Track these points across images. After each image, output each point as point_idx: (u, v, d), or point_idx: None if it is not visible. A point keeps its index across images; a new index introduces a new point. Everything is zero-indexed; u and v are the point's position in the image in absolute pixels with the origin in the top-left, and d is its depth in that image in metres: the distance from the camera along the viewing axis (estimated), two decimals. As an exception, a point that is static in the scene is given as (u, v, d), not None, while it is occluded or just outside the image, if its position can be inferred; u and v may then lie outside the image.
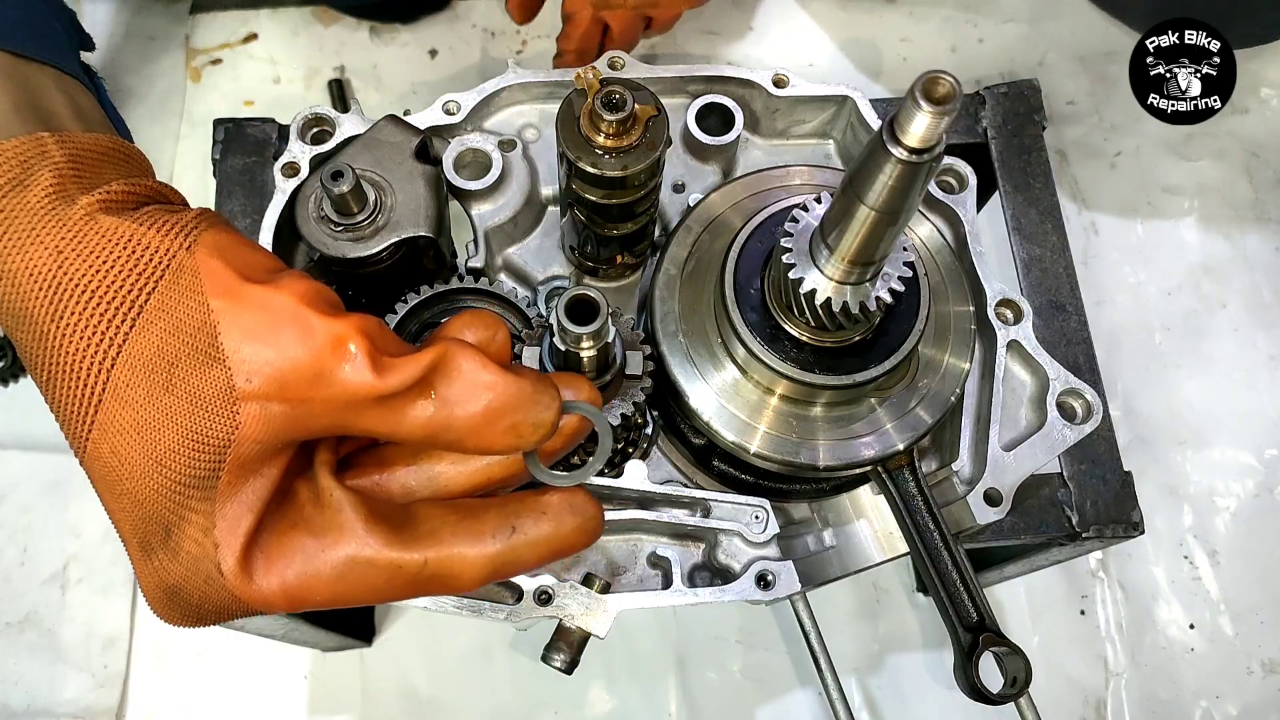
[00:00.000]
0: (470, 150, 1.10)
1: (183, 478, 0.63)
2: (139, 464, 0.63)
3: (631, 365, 0.93)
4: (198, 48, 1.96)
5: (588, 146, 0.91)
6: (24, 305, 0.64)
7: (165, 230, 0.65)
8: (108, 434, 0.63)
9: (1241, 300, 1.86)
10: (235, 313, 0.62)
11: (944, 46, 2.01)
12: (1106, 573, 1.71)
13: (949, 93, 0.62)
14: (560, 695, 1.62)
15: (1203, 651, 1.67)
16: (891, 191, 0.71)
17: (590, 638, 0.95)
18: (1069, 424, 1.02)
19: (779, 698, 1.64)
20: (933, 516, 0.97)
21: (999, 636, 0.90)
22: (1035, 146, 1.37)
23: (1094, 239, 1.89)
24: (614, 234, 1.03)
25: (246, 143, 1.31)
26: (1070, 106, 1.97)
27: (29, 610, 1.63)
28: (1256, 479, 1.75)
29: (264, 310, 0.62)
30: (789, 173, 1.07)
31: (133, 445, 0.63)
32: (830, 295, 0.84)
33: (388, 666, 1.64)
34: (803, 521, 1.09)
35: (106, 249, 0.64)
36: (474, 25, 1.99)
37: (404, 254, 1.01)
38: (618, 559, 1.01)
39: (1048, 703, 1.11)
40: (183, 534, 0.63)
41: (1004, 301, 1.06)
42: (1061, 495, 1.20)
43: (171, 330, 0.63)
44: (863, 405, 0.98)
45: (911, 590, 1.70)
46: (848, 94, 1.15)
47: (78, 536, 1.66)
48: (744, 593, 0.96)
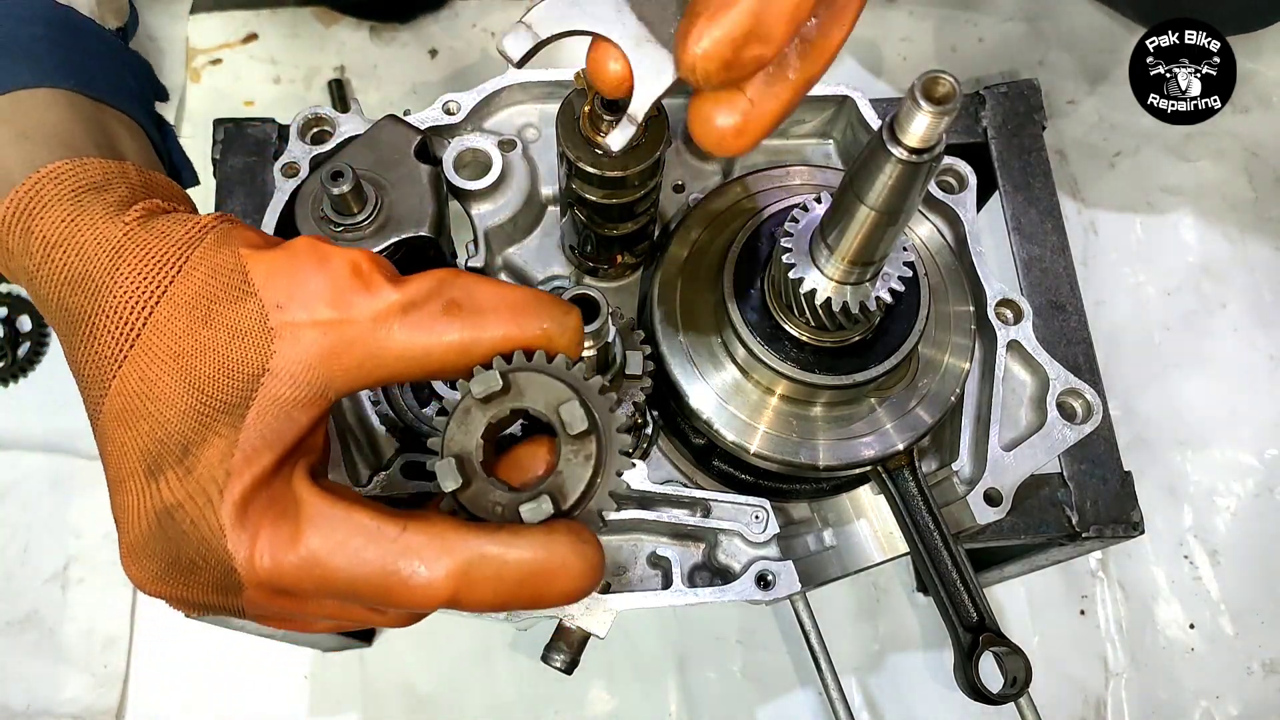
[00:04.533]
0: (470, 150, 1.10)
1: (214, 401, 0.65)
2: (170, 387, 0.66)
3: (631, 365, 0.93)
4: (198, 48, 1.96)
5: (588, 146, 0.91)
6: (85, 269, 0.70)
7: (212, 214, 0.75)
8: (140, 364, 0.67)
9: (1241, 300, 1.86)
10: (261, 254, 0.69)
11: (944, 46, 2.01)
12: (1106, 573, 1.71)
13: (949, 93, 0.62)
14: (560, 695, 1.62)
15: (1203, 651, 1.67)
16: (891, 191, 0.71)
17: (590, 638, 0.95)
18: (1069, 424, 1.02)
19: (779, 698, 1.64)
20: (933, 516, 0.97)
21: (999, 636, 0.90)
22: (1035, 146, 1.37)
23: (1094, 239, 1.89)
24: (614, 234, 1.03)
25: (246, 143, 1.31)
26: (1070, 106, 1.97)
27: (29, 610, 1.63)
28: (1256, 479, 1.75)
29: (285, 249, 0.70)
30: (789, 173, 1.07)
31: (167, 370, 0.66)
32: (830, 295, 0.84)
33: (388, 666, 1.64)
34: (803, 521, 1.09)
35: (167, 225, 0.72)
36: (474, 25, 1.99)
37: (404, 254, 1.01)
38: (618, 559, 1.01)
39: (1048, 703, 1.11)
40: (200, 453, 0.65)
41: (1004, 301, 1.06)
42: (1061, 495, 1.20)
43: (210, 274, 0.69)
44: (863, 405, 0.98)
45: (911, 590, 1.70)
46: (848, 94, 1.15)
47: (78, 536, 1.67)
48: (744, 593, 0.96)
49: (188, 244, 0.70)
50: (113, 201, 0.75)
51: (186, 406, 0.66)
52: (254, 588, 0.66)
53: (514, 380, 0.69)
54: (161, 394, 0.66)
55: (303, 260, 0.68)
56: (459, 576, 0.64)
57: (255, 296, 0.67)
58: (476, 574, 0.64)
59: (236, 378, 0.66)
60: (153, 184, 0.81)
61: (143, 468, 0.67)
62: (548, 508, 0.66)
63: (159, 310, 0.68)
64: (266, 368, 0.65)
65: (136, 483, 0.67)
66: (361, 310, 0.67)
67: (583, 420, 0.67)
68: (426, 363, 0.68)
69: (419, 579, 0.64)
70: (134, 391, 0.67)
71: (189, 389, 0.66)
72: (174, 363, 0.66)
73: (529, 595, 0.65)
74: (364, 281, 0.67)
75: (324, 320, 0.66)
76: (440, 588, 0.64)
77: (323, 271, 0.67)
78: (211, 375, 0.66)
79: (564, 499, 0.68)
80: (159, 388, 0.66)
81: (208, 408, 0.65)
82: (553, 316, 0.70)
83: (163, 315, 0.68)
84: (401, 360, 0.67)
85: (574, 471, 0.69)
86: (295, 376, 0.66)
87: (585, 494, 0.69)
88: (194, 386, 0.66)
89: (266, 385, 0.65)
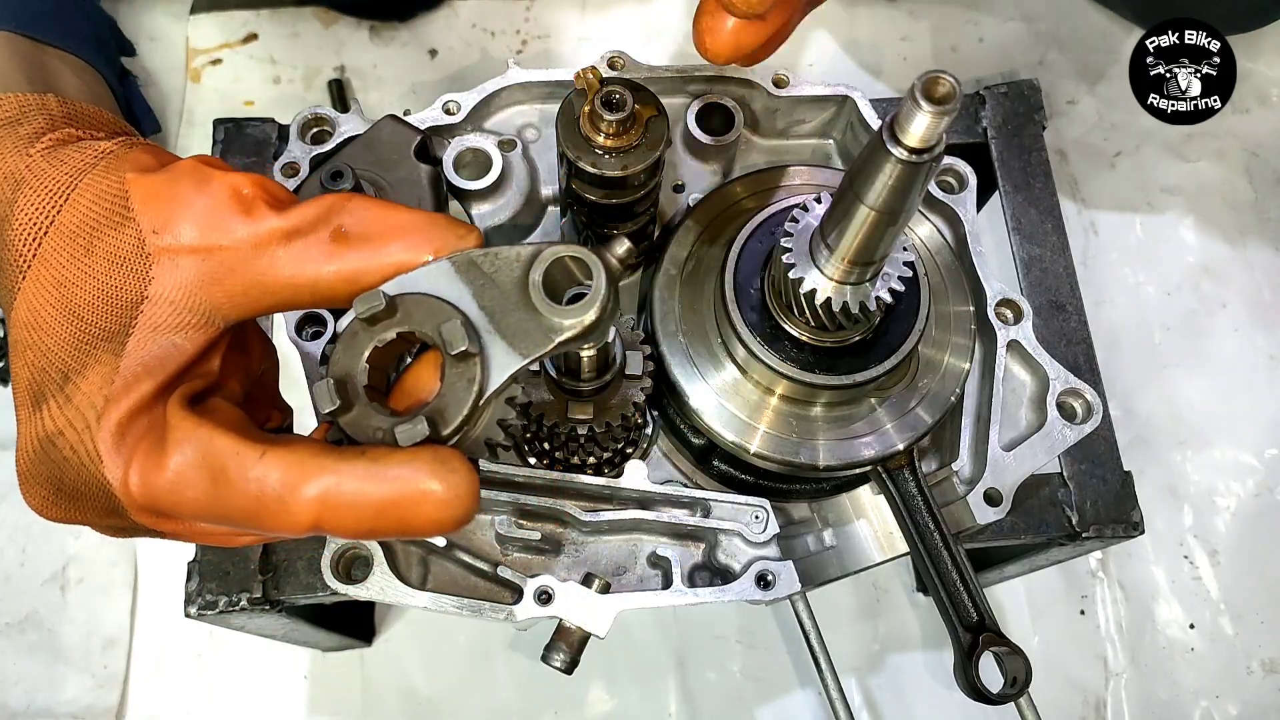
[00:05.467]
0: (470, 150, 1.10)
1: (94, 329, 0.65)
2: (52, 316, 0.66)
3: (631, 365, 0.93)
4: (198, 48, 1.95)
5: (588, 146, 0.91)
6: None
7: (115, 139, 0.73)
8: (28, 295, 0.67)
9: (1241, 300, 1.86)
10: (144, 178, 0.68)
11: (944, 46, 2.01)
12: (1106, 573, 1.71)
13: (949, 92, 0.62)
14: (560, 695, 1.62)
15: (1203, 651, 1.67)
16: (891, 191, 0.71)
17: (590, 638, 0.95)
18: (1069, 424, 1.02)
19: (779, 698, 1.64)
20: (933, 516, 0.97)
21: (999, 636, 0.90)
22: (1035, 146, 1.37)
23: (1094, 239, 1.89)
24: (614, 234, 1.03)
25: (246, 143, 1.31)
26: (1070, 106, 1.97)
27: (29, 610, 1.63)
28: (1256, 479, 1.75)
29: (168, 172, 0.68)
30: (789, 173, 1.08)
31: (49, 299, 0.67)
32: (830, 295, 0.84)
33: (388, 666, 1.64)
34: (803, 521, 1.09)
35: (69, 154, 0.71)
36: (474, 25, 1.99)
37: (404, 254, 1.01)
38: (618, 559, 1.01)
39: (1048, 703, 1.11)
40: (80, 381, 0.65)
41: (1004, 301, 1.06)
42: (1061, 495, 1.20)
43: (94, 201, 0.68)
44: (863, 405, 0.98)
45: (911, 590, 1.70)
46: (848, 94, 1.15)
47: (78, 537, 1.66)
48: (744, 593, 0.96)
49: (81, 171, 0.69)
50: (25, 135, 0.73)
51: (67, 335, 0.66)
52: (133, 510, 0.65)
53: (403, 303, 0.66)
54: (45, 324, 0.66)
55: (183, 183, 0.67)
56: (319, 502, 0.62)
57: (134, 222, 0.66)
58: (335, 499, 0.62)
59: (116, 305, 0.65)
60: (76, 115, 0.79)
61: (30, 397, 0.67)
62: (423, 429, 0.63)
63: (47, 240, 0.67)
64: (146, 294, 0.65)
65: (25, 412, 0.67)
66: (239, 235, 0.65)
67: (463, 339, 0.64)
68: (316, 291, 0.66)
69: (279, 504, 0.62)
70: (23, 323, 0.67)
71: (69, 317, 0.66)
72: (56, 292, 0.66)
73: (394, 523, 0.63)
74: (244, 206, 0.66)
75: (200, 245, 0.65)
76: (301, 513, 0.62)
77: (202, 195, 0.66)
78: (91, 303, 0.66)
79: (444, 423, 0.65)
80: (43, 317, 0.67)
81: (88, 336, 0.65)
82: (446, 240, 0.67)
83: (50, 245, 0.67)
84: (290, 288, 0.66)
85: (456, 395, 0.65)
86: (175, 303, 0.65)
87: (468, 420, 0.65)
88: (74, 315, 0.66)
89: (146, 312, 0.65)
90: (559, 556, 1.00)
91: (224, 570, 1.12)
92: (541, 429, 0.97)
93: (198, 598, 1.11)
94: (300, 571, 1.13)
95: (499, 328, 0.66)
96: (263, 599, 1.11)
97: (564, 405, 0.95)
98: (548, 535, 0.98)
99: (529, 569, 0.98)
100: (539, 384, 0.94)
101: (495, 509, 0.98)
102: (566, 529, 1.00)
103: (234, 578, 1.12)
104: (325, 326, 1.03)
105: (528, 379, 0.94)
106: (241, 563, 1.12)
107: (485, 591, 0.98)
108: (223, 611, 1.11)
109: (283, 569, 1.13)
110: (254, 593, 1.11)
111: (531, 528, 0.98)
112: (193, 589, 1.12)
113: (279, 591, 1.12)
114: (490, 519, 0.99)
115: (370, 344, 0.66)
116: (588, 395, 0.92)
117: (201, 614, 1.11)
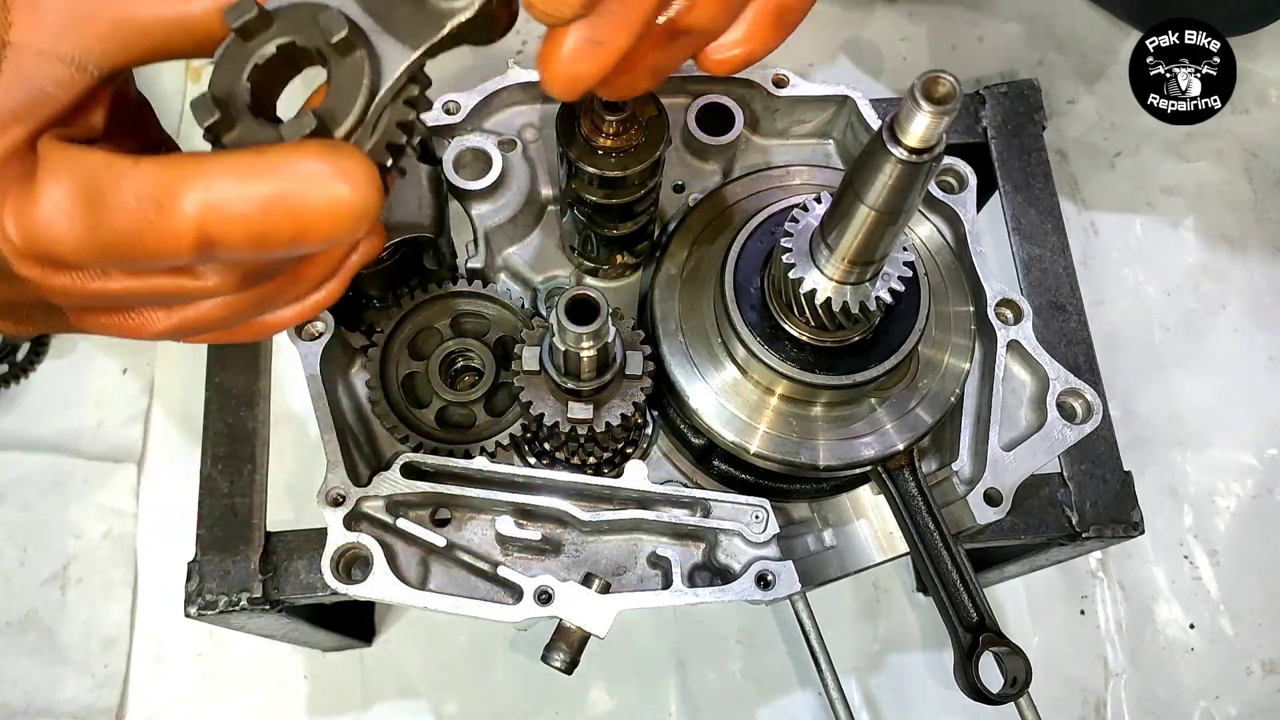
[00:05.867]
0: (470, 150, 1.10)
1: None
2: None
3: (631, 365, 0.93)
4: (198, 48, 1.95)
5: (588, 146, 0.91)
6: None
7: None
8: None
9: (1241, 300, 1.86)
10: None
11: (944, 46, 2.01)
12: (1106, 573, 1.71)
13: (949, 92, 0.62)
14: (560, 695, 1.62)
15: (1203, 651, 1.67)
16: (891, 191, 0.71)
17: (590, 638, 0.95)
18: (1069, 424, 1.02)
19: (779, 698, 1.64)
20: (933, 516, 0.97)
21: (999, 636, 0.90)
22: (1035, 146, 1.37)
23: (1094, 239, 1.89)
24: (614, 234, 1.03)
25: (246, 143, 1.30)
26: (1070, 106, 1.97)
27: (29, 610, 1.63)
28: (1256, 479, 1.75)
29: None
30: (789, 173, 1.08)
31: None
32: (830, 295, 0.84)
33: (388, 666, 1.64)
34: (803, 521, 1.09)
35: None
36: (474, 25, 1.99)
37: (404, 254, 1.01)
38: (618, 559, 1.01)
39: (1048, 703, 1.11)
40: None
41: (1004, 301, 1.06)
42: (1061, 495, 1.20)
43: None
44: (863, 405, 0.98)
45: (911, 590, 1.70)
46: (848, 94, 1.15)
47: (78, 536, 1.66)
48: (744, 593, 0.96)
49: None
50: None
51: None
52: (21, 266, 0.62)
53: (280, 16, 0.61)
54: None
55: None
56: (200, 203, 0.58)
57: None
58: (218, 198, 0.58)
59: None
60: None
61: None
62: (310, 121, 0.59)
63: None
64: (7, 40, 0.61)
65: None
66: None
67: (342, 25, 0.58)
68: (192, 30, 0.63)
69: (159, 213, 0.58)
70: None
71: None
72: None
73: (286, 221, 0.59)
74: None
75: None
76: (183, 219, 0.58)
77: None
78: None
79: (334, 123, 0.60)
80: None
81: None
82: None
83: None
84: (161, 26, 0.63)
85: (346, 93, 0.60)
86: (41, 50, 0.62)
87: (361, 120, 0.60)
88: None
89: (10, 59, 0.61)
90: (559, 556, 1.00)
91: (224, 570, 1.12)
92: (541, 429, 0.97)
93: (198, 598, 1.11)
94: (300, 571, 1.13)
95: (386, 25, 0.61)
96: (263, 599, 1.11)
97: (564, 405, 0.95)
98: (548, 535, 0.98)
99: (529, 569, 0.98)
100: (539, 384, 0.94)
101: (495, 509, 0.98)
102: (566, 529, 1.00)
103: (234, 578, 1.12)
104: (325, 326, 1.03)
105: (527, 379, 0.94)
106: (242, 563, 1.12)
107: (485, 592, 0.98)
108: (223, 611, 1.11)
109: (283, 569, 1.13)
110: (254, 593, 1.11)
111: (531, 528, 0.98)
112: (193, 589, 1.12)
113: (279, 591, 1.12)
114: (490, 519, 0.99)
115: (250, 61, 0.61)
116: (588, 395, 0.92)
117: (201, 614, 1.11)
